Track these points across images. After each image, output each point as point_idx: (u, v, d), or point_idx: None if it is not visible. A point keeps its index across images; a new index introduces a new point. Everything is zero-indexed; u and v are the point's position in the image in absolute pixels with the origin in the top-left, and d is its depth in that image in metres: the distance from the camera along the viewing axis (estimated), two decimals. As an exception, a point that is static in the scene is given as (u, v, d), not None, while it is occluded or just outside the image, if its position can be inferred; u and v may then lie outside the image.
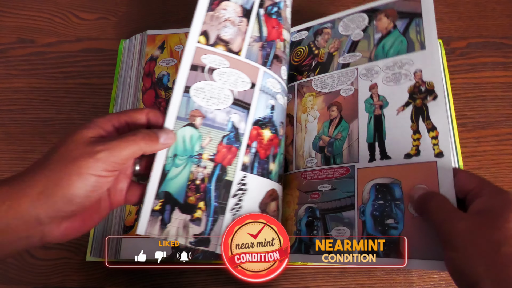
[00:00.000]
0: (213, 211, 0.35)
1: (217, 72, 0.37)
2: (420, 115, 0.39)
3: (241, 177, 0.36)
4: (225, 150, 0.36)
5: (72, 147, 0.29)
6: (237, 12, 0.39)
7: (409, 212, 0.36)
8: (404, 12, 0.44)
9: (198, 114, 0.36)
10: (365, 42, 0.45)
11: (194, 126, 0.36)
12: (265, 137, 0.39)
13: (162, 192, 0.35)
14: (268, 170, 0.38)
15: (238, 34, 0.38)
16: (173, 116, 0.35)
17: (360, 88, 0.43)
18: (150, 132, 0.33)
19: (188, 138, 0.36)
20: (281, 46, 0.40)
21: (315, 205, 0.41)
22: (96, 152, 0.29)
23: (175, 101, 0.36)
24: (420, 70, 0.41)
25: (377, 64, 0.43)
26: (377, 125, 0.41)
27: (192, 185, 0.35)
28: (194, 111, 0.36)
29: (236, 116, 0.37)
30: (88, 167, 0.28)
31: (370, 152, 0.40)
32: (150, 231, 0.34)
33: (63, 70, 0.55)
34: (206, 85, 0.37)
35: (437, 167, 0.36)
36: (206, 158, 0.36)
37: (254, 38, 0.39)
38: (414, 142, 0.38)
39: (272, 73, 0.39)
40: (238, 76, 0.38)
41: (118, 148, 0.30)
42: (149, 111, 0.35)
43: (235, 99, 0.37)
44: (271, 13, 0.41)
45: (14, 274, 0.45)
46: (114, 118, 0.33)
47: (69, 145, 0.29)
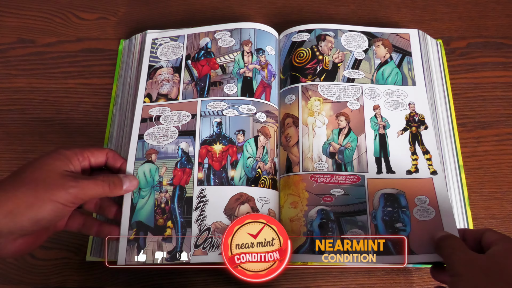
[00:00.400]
0: (181, 226, 0.41)
1: (162, 117, 0.47)
2: (416, 140, 0.46)
3: (199, 191, 0.42)
4: (180, 172, 0.44)
5: (47, 176, 0.34)
6: (169, 72, 0.50)
7: (414, 217, 0.42)
8: (397, 47, 0.51)
9: (153, 151, 0.45)
10: (367, 63, 0.50)
11: (151, 162, 0.44)
12: (216, 151, 0.44)
13: (134, 222, 0.41)
14: (227, 178, 0.43)
15: (173, 86, 0.49)
16: (132, 159, 0.44)
17: (365, 106, 0.48)
18: (116, 179, 0.38)
19: (148, 172, 0.44)
20: (216, 74, 0.49)
21: (328, 207, 0.43)
22: (68, 187, 0.34)
23: (132, 147, 0.45)
24: (413, 102, 0.48)
25: (378, 87, 0.49)
26: (382, 143, 0.46)
27: (159, 209, 0.42)
28: (149, 150, 0.45)
29: (184, 143, 0.45)
30: (59, 197, 0.33)
31: (377, 165, 0.45)
32: (129, 259, 0.40)
33: (63, 70, 0.55)
34: (155, 129, 0.46)
35: (433, 183, 0.44)
36: (165, 184, 0.43)
37: (187, 82, 0.49)
38: (413, 162, 0.45)
39: (211, 98, 0.47)
40: (179, 114, 0.47)
41: (87, 188, 0.35)
42: (109, 152, 0.41)
43: (180, 131, 0.46)
44: (198, 58, 0.50)
45: (14, 274, 0.45)
46: (79, 153, 0.38)
47: (44, 173, 0.34)
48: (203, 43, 0.51)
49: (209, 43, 0.51)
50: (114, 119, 0.51)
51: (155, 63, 0.51)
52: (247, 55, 0.49)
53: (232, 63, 0.49)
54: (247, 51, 0.49)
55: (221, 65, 0.49)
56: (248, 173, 0.44)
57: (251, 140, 0.45)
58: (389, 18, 0.57)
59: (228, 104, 0.47)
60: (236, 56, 0.49)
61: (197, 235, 0.40)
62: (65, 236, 0.46)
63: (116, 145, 0.49)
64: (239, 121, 0.46)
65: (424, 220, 0.42)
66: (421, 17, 0.58)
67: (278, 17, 0.58)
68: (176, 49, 0.51)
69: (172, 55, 0.51)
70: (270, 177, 0.45)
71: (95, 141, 0.50)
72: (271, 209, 0.43)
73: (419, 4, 0.59)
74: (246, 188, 0.43)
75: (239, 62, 0.49)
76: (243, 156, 0.44)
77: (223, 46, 0.50)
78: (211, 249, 0.40)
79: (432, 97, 0.49)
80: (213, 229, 0.41)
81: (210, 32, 0.51)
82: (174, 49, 0.51)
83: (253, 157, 0.45)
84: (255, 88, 0.48)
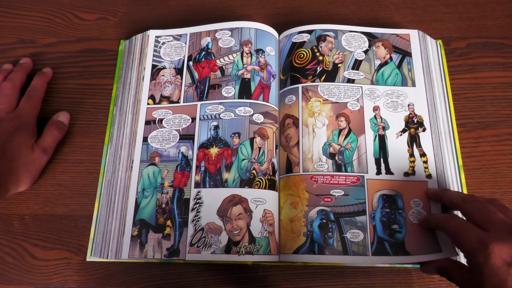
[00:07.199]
0: (178, 226, 0.43)
1: (165, 120, 0.48)
2: (414, 142, 0.47)
3: (195, 193, 0.44)
4: (179, 175, 0.46)
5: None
6: (172, 73, 0.51)
7: (409, 219, 0.43)
8: (397, 47, 0.51)
9: (156, 154, 0.47)
10: (367, 64, 0.50)
11: (155, 164, 0.47)
12: (212, 154, 0.46)
13: (138, 220, 0.44)
14: (221, 180, 0.44)
15: (175, 88, 0.50)
16: (137, 161, 0.47)
17: (365, 107, 0.48)
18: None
19: (152, 174, 0.46)
20: (215, 76, 0.49)
21: (328, 208, 0.43)
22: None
23: (138, 149, 0.47)
24: (412, 103, 0.48)
25: (378, 88, 0.49)
26: (381, 144, 0.46)
27: (160, 209, 0.44)
28: (153, 153, 0.47)
29: (184, 147, 0.47)
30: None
31: (376, 166, 0.45)
32: (132, 254, 0.43)
33: (63, 70, 0.55)
34: (158, 132, 0.48)
35: (427, 187, 0.44)
36: (167, 186, 0.45)
37: (188, 84, 0.50)
38: (410, 164, 0.46)
39: (210, 102, 0.48)
40: (180, 117, 0.48)
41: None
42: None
43: (181, 135, 0.47)
44: (199, 59, 0.51)
45: (14, 275, 0.45)
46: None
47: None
48: (204, 43, 0.51)
49: (209, 44, 0.51)
50: (114, 120, 0.51)
51: (158, 63, 0.51)
52: (247, 56, 0.49)
53: (231, 65, 0.49)
54: (247, 52, 0.50)
55: (220, 67, 0.50)
56: (242, 175, 0.44)
57: (246, 142, 0.46)
58: (389, 19, 0.57)
59: (225, 107, 0.47)
60: (236, 57, 0.50)
61: (192, 235, 0.42)
62: (65, 236, 0.47)
63: (117, 145, 0.49)
64: (235, 123, 0.47)
65: (418, 223, 0.43)
66: (421, 17, 0.58)
67: (278, 17, 0.58)
68: (178, 49, 0.52)
69: (175, 55, 0.52)
70: (266, 178, 0.45)
71: (95, 142, 0.50)
72: (267, 209, 0.43)
73: (419, 4, 0.59)
74: (240, 189, 0.44)
75: (238, 63, 0.49)
76: (238, 158, 0.45)
77: (223, 46, 0.50)
78: (204, 248, 0.41)
79: (432, 98, 0.50)
80: (206, 229, 0.42)
81: (211, 31, 0.52)
82: (177, 49, 0.52)
83: (247, 159, 0.45)
84: (253, 89, 0.48)
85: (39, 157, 0.47)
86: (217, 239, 0.42)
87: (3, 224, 0.47)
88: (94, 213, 0.47)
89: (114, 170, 0.47)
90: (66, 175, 0.49)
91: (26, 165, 0.46)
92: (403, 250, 0.41)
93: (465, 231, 0.35)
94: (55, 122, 0.50)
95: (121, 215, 0.45)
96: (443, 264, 0.39)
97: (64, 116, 0.51)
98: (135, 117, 0.49)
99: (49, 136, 0.48)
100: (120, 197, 0.46)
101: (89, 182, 0.49)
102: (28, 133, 0.47)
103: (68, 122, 0.51)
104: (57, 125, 0.49)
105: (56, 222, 0.47)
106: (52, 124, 0.49)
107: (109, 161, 0.48)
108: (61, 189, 0.49)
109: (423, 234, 0.42)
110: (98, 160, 0.49)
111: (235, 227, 0.42)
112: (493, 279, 0.31)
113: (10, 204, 0.48)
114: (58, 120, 0.50)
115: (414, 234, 0.42)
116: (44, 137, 0.48)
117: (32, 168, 0.46)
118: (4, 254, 0.46)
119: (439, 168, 0.46)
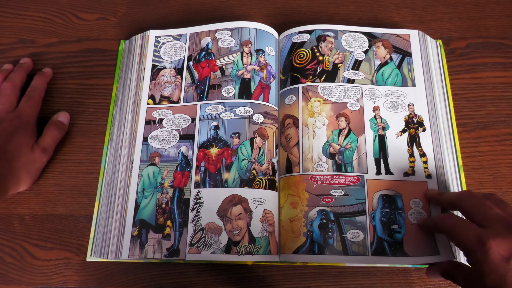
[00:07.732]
0: (178, 226, 0.43)
1: (165, 120, 0.48)
2: (413, 142, 0.47)
3: (195, 193, 0.44)
4: (179, 175, 0.46)
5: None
6: (172, 73, 0.51)
7: (409, 220, 0.43)
8: (397, 47, 0.51)
9: (156, 154, 0.47)
10: (367, 64, 0.50)
11: (155, 164, 0.46)
12: (212, 154, 0.46)
13: (138, 220, 0.44)
14: (221, 180, 0.44)
15: (175, 88, 0.50)
16: (137, 161, 0.47)
17: (365, 107, 0.48)
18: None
19: (152, 174, 0.46)
20: (215, 76, 0.49)
21: (328, 208, 0.43)
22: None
23: (138, 149, 0.47)
24: (412, 104, 0.48)
25: (378, 89, 0.49)
26: (381, 144, 0.46)
27: (160, 209, 0.44)
28: (153, 153, 0.47)
29: (184, 147, 0.47)
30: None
31: (376, 166, 0.45)
32: (132, 254, 0.43)
33: (63, 70, 0.55)
34: (158, 132, 0.48)
35: (427, 187, 0.44)
36: (167, 186, 0.45)
37: (188, 84, 0.50)
38: (410, 164, 0.46)
39: (210, 102, 0.48)
40: (180, 117, 0.48)
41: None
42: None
43: (181, 135, 0.47)
44: (199, 59, 0.51)
45: (14, 275, 0.45)
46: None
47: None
48: (204, 43, 0.51)
49: (209, 44, 0.51)
50: (114, 120, 0.51)
51: (158, 63, 0.51)
52: (247, 56, 0.49)
53: (231, 65, 0.49)
54: (247, 52, 0.50)
55: (220, 67, 0.50)
56: (242, 175, 0.44)
57: (246, 142, 0.46)
58: (389, 19, 0.58)
59: (225, 107, 0.47)
60: (236, 57, 0.50)
61: (192, 235, 0.42)
62: (65, 236, 0.47)
63: (117, 145, 0.49)
64: (235, 123, 0.47)
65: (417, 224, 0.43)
66: (421, 17, 0.58)
67: (278, 17, 0.58)
68: (178, 49, 0.52)
69: (175, 55, 0.52)
70: (266, 178, 0.45)
71: (95, 142, 0.50)
72: (268, 209, 0.43)
73: (419, 4, 0.59)
74: (240, 189, 0.44)
75: (238, 63, 0.49)
76: (238, 159, 0.45)
77: (223, 46, 0.50)
78: (204, 248, 0.41)
79: (432, 98, 0.50)
80: (206, 229, 0.42)
81: (211, 31, 0.52)
82: (177, 49, 0.52)
83: (247, 159, 0.45)
84: (253, 89, 0.48)
85: (39, 157, 0.47)
86: (217, 239, 0.42)
87: (3, 224, 0.47)
88: (94, 213, 0.47)
89: (114, 170, 0.47)
90: (66, 175, 0.49)
91: (26, 165, 0.46)
92: (401, 251, 0.41)
93: (462, 229, 0.35)
94: (55, 122, 0.50)
95: (121, 215, 0.45)
96: (447, 267, 0.39)
97: (64, 116, 0.51)
98: (135, 117, 0.49)
99: (49, 136, 0.48)
100: (120, 197, 0.46)
101: (89, 182, 0.49)
102: (28, 133, 0.47)
103: (68, 122, 0.51)
104: (57, 125, 0.49)
105: (56, 222, 0.47)
106: (52, 124, 0.49)
107: (109, 161, 0.48)
108: (61, 189, 0.49)
109: (422, 235, 0.42)
110: (98, 160, 0.49)
111: (235, 227, 0.42)
112: (492, 275, 0.31)
113: (10, 204, 0.48)
114: (58, 120, 0.50)
115: (413, 234, 0.42)
116: (44, 137, 0.48)
117: (32, 168, 0.46)
118: (4, 254, 0.46)
119: (439, 168, 0.46)
